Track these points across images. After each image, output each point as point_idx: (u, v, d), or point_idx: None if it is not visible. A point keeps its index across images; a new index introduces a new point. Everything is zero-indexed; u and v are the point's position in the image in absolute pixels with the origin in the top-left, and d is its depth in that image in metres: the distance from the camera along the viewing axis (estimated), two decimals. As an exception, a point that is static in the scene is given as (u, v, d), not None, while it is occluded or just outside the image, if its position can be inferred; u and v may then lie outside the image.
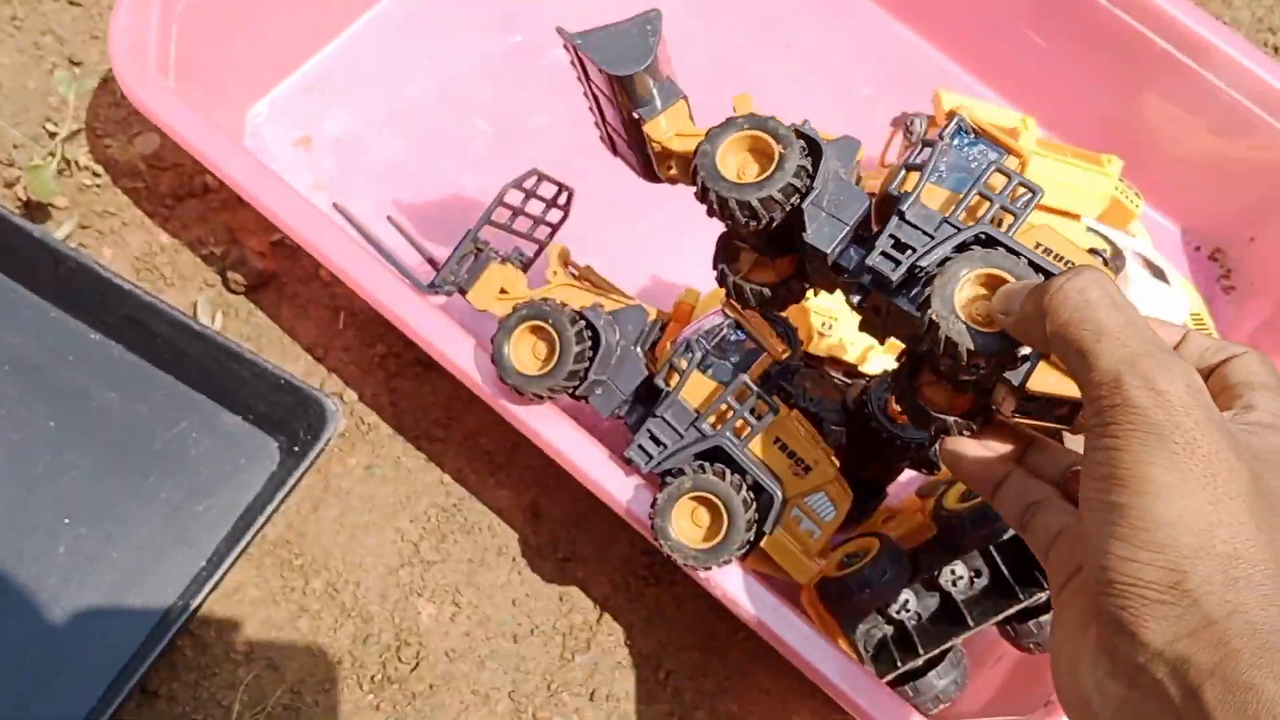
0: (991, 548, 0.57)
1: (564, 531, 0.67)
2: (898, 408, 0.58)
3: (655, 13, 0.52)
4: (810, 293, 0.54)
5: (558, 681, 0.64)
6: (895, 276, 0.43)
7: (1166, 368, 0.33)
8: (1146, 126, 0.77)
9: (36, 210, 0.72)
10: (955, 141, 0.46)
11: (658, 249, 0.75)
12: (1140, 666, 0.32)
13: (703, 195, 0.47)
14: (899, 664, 0.59)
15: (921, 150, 0.46)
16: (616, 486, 0.57)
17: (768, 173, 0.45)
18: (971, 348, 0.39)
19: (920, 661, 0.58)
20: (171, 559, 0.62)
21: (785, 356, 0.57)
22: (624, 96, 0.52)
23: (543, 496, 0.68)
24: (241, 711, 0.60)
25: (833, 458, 0.58)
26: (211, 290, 0.72)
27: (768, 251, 0.51)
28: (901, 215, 0.43)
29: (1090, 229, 0.66)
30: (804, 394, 0.62)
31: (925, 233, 0.43)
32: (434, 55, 0.80)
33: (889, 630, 0.60)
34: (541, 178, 0.60)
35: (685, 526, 0.54)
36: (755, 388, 0.54)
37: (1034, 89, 0.81)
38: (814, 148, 0.45)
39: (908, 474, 0.65)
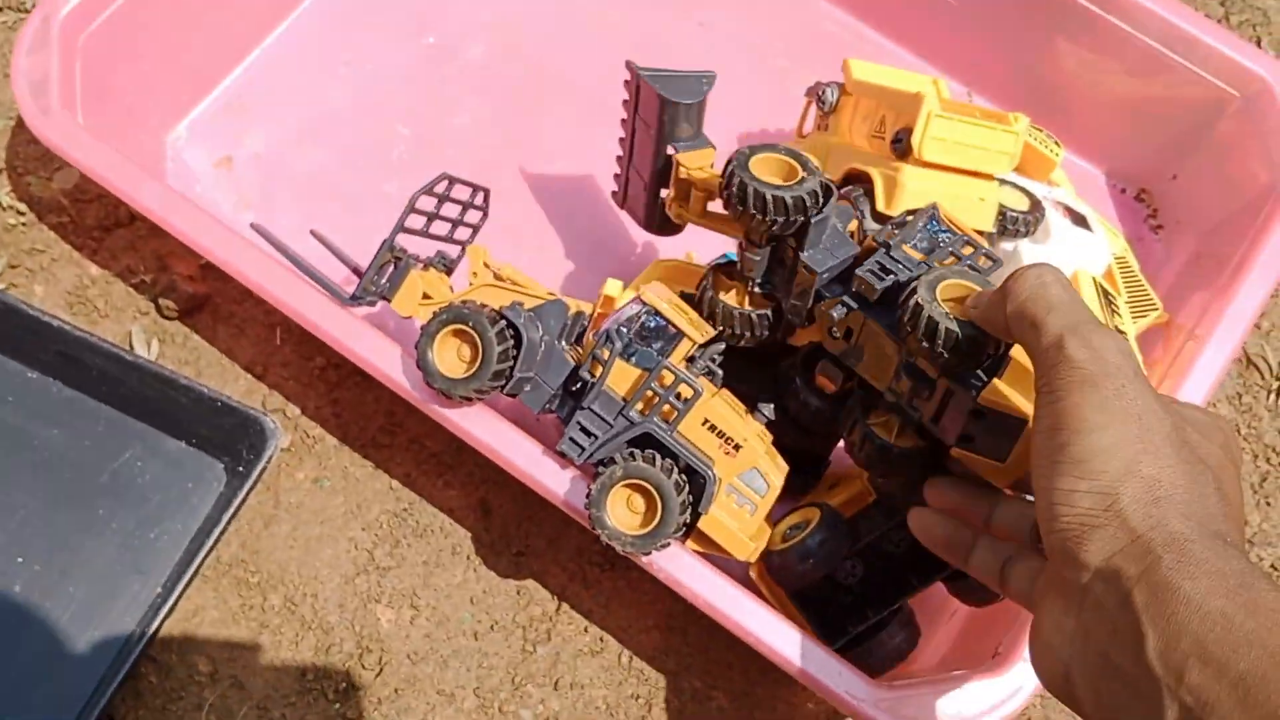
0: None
1: (516, 526, 0.68)
2: (827, 381, 0.59)
3: (712, 73, 0.62)
4: (711, 276, 0.60)
5: (521, 674, 0.65)
6: (880, 287, 0.50)
7: (1102, 333, 0.39)
8: (1062, 75, 0.78)
9: (-36, 254, 0.72)
10: (929, 226, 0.53)
11: (583, 243, 0.76)
12: (1084, 588, 0.36)
13: (727, 183, 0.53)
14: (849, 629, 0.60)
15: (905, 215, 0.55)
16: (554, 481, 0.58)
17: (790, 184, 0.53)
18: (950, 327, 0.45)
19: (870, 624, 0.60)
20: (127, 588, 0.63)
21: (707, 338, 0.57)
22: (667, 128, 0.61)
23: (492, 493, 0.69)
24: (209, 732, 0.61)
25: (763, 434, 0.59)
26: (146, 318, 0.72)
27: (758, 283, 0.58)
28: (888, 249, 0.51)
29: (1006, 182, 0.67)
30: (735, 372, 0.63)
31: (906, 266, 0.51)
32: (349, 64, 0.80)
33: (836, 597, 0.61)
34: (454, 181, 0.60)
35: (621, 514, 0.55)
36: (678, 371, 0.55)
37: (949, 48, 0.81)
38: (828, 192, 0.53)
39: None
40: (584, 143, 0.78)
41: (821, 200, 0.53)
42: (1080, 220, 0.69)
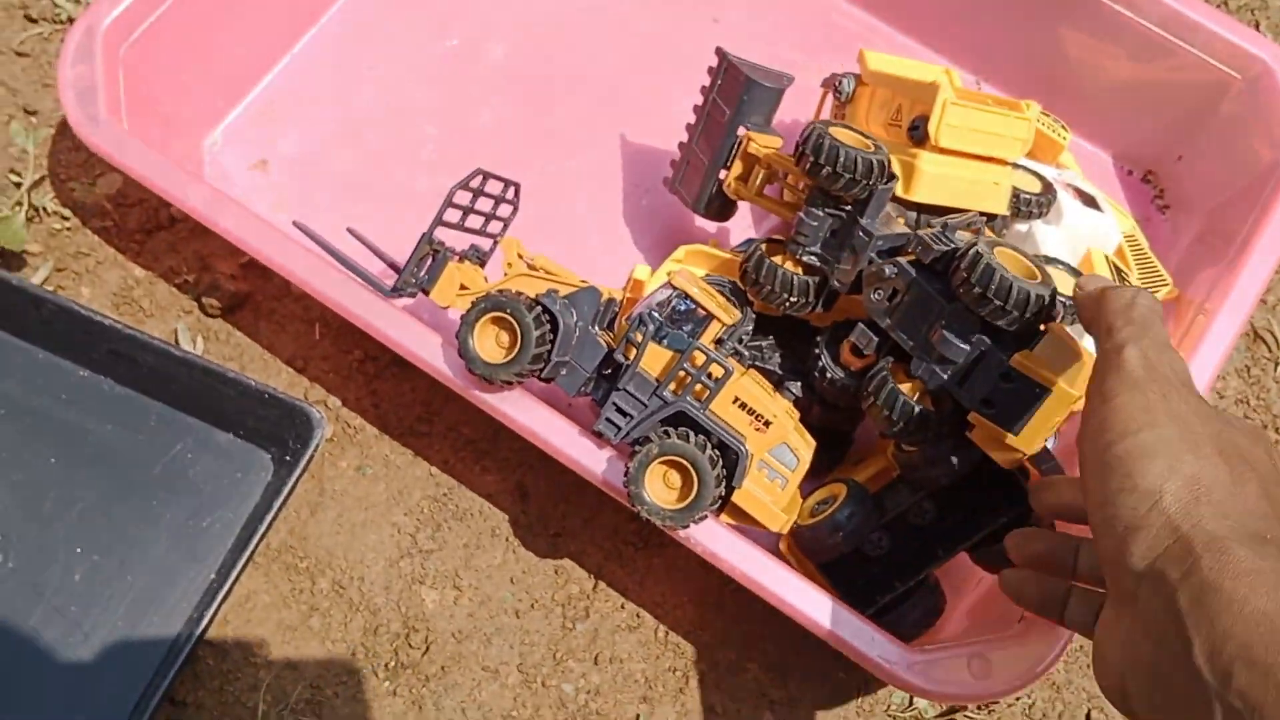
0: (953, 481, 0.61)
1: (552, 508, 0.71)
2: (853, 357, 0.62)
3: (792, 75, 0.69)
4: (763, 245, 0.64)
5: (562, 650, 0.67)
6: (936, 249, 0.54)
7: (1161, 348, 0.40)
8: (1068, 61, 0.80)
9: (11, 259, 0.75)
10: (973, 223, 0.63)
11: (608, 232, 0.78)
12: (1132, 594, 0.37)
13: (810, 142, 0.58)
14: (876, 599, 0.62)
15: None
16: (592, 460, 0.60)
17: (866, 149, 0.58)
18: (1005, 275, 0.50)
19: (898, 594, 0.62)
20: (183, 575, 0.66)
21: (735, 321, 0.60)
22: (744, 110, 0.67)
23: (528, 477, 0.71)
24: (266, 711, 0.64)
25: (791, 411, 0.62)
26: (190, 317, 0.75)
27: (810, 250, 0.62)
28: (945, 226, 0.58)
29: (1018, 166, 0.69)
30: (761, 353, 0.66)
31: (956, 242, 0.56)
32: (375, 67, 0.82)
33: (864, 568, 0.63)
34: (487, 176, 0.63)
35: (659, 489, 0.58)
36: (709, 352, 0.57)
37: (957, 38, 0.84)
38: (892, 169, 0.60)
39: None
40: (605, 136, 0.81)
41: (888, 173, 0.58)
42: (1090, 201, 0.71)
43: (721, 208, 0.71)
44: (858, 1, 0.86)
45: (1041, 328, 0.54)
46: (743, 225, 0.78)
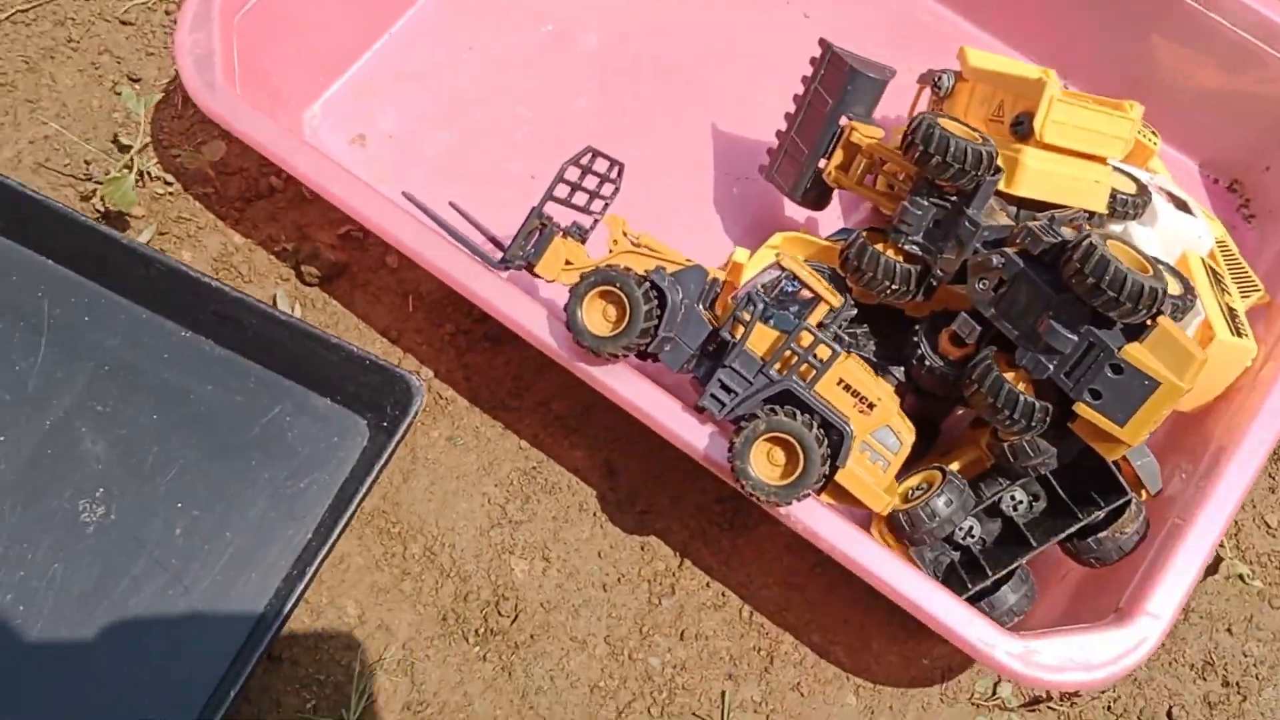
0: (1048, 473, 0.62)
1: (640, 485, 0.72)
2: (952, 346, 0.63)
3: (894, 68, 0.70)
4: (865, 233, 0.64)
5: (648, 624, 0.68)
6: (1046, 240, 0.55)
7: None
8: (1158, 67, 0.81)
9: (115, 220, 0.76)
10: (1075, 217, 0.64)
11: (698, 219, 0.79)
12: None
13: (920, 131, 0.59)
14: (969, 586, 0.63)
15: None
16: (693, 435, 0.61)
17: (975, 141, 0.59)
18: (1119, 268, 0.51)
19: (989, 582, 0.63)
20: (281, 534, 0.67)
21: (840, 305, 0.61)
22: (847, 100, 0.68)
23: (616, 454, 0.72)
24: (361, 671, 0.65)
25: (893, 395, 0.62)
26: (287, 284, 0.76)
27: (912, 239, 0.62)
28: (1052, 219, 0.59)
29: (1116, 168, 0.70)
30: (856, 340, 0.67)
31: (1064, 236, 0.57)
32: (472, 49, 0.84)
33: (956, 556, 0.64)
34: (596, 154, 0.64)
35: (763, 466, 0.58)
36: (816, 333, 0.58)
37: (1043, 39, 0.84)
38: (997, 170, 0.61)
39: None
40: (695, 126, 0.82)
41: (995, 165, 0.59)
42: (1183, 206, 0.72)
43: (819, 196, 0.72)
44: (947, 1, 0.87)
45: (1149, 322, 0.55)
46: (831, 217, 0.79)
